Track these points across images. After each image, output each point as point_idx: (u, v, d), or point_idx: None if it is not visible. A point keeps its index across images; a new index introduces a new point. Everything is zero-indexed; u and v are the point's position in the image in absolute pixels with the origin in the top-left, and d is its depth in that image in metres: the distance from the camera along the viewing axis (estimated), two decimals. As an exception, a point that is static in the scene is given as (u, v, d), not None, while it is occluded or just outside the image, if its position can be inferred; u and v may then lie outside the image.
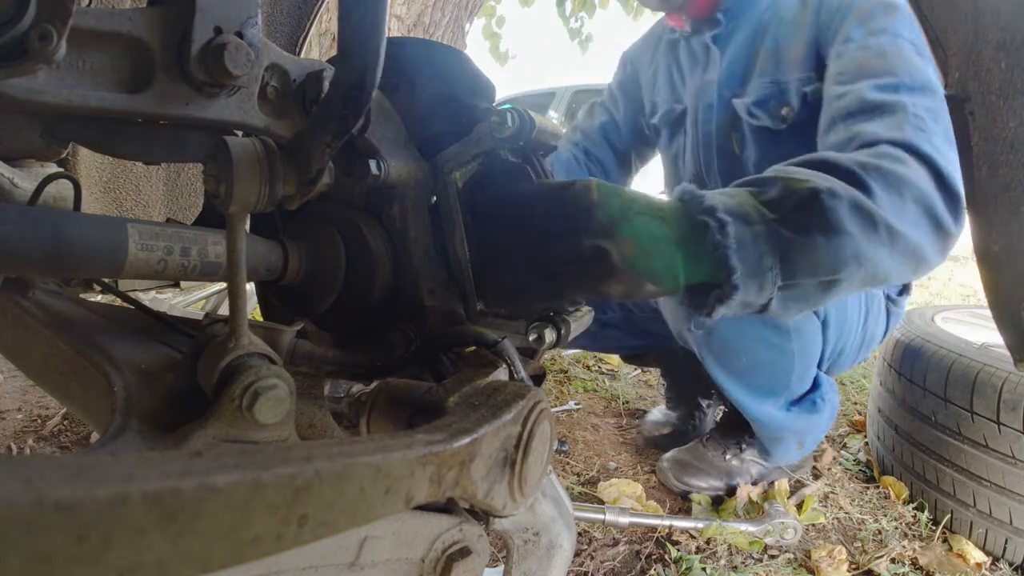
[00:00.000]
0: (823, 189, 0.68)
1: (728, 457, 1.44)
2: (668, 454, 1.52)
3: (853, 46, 1.04)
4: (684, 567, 1.15)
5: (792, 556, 1.24)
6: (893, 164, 0.78)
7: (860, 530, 1.35)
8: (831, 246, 0.67)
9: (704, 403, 1.74)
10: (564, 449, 1.62)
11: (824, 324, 1.27)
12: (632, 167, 1.69)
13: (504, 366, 0.63)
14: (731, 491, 1.42)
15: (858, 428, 1.92)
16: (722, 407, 1.79)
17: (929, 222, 0.78)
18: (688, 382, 1.75)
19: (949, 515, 1.35)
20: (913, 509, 1.42)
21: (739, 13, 1.28)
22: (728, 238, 0.62)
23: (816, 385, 1.34)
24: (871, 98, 0.92)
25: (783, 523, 1.24)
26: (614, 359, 2.42)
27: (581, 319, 0.63)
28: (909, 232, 0.74)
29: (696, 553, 1.20)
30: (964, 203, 0.77)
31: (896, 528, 1.37)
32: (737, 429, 1.44)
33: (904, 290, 1.45)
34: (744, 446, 1.44)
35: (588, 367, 2.36)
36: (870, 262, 0.71)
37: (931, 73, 0.91)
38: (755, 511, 1.36)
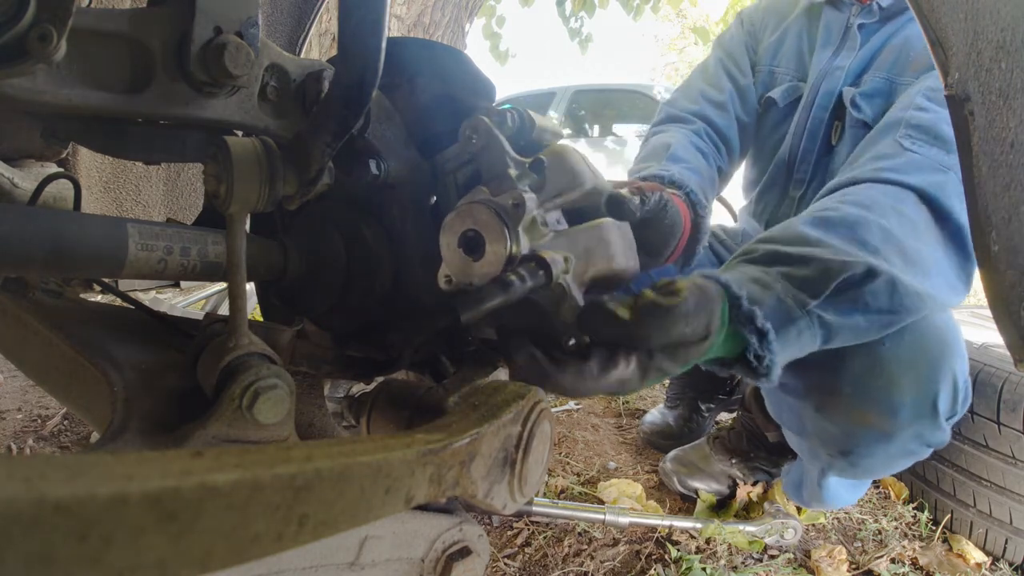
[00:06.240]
0: (860, 271, 0.67)
1: (734, 462, 1.43)
2: (671, 454, 1.51)
3: None
4: (684, 567, 1.15)
5: (792, 556, 1.24)
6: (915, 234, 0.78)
7: (860, 530, 1.35)
8: (873, 321, 0.69)
9: (703, 407, 1.74)
10: None
11: None
12: (746, 150, 1.39)
13: (504, 366, 0.63)
14: (732, 491, 1.42)
15: (858, 428, 1.92)
16: (732, 411, 1.78)
17: (947, 278, 0.80)
18: (689, 385, 1.75)
19: (949, 515, 1.35)
20: (913, 509, 1.42)
21: (895, 13, 1.21)
22: (771, 352, 0.62)
23: None
24: (943, 132, 0.90)
25: (783, 523, 1.24)
26: (614, 359, 2.42)
27: None
28: (934, 292, 0.76)
29: (696, 553, 1.20)
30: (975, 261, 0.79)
31: (896, 528, 1.37)
32: (752, 443, 1.43)
33: None
34: (753, 456, 1.43)
35: (588, 367, 2.36)
36: (909, 320, 0.73)
37: None
38: (755, 511, 1.36)
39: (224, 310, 0.82)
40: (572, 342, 0.53)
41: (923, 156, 0.86)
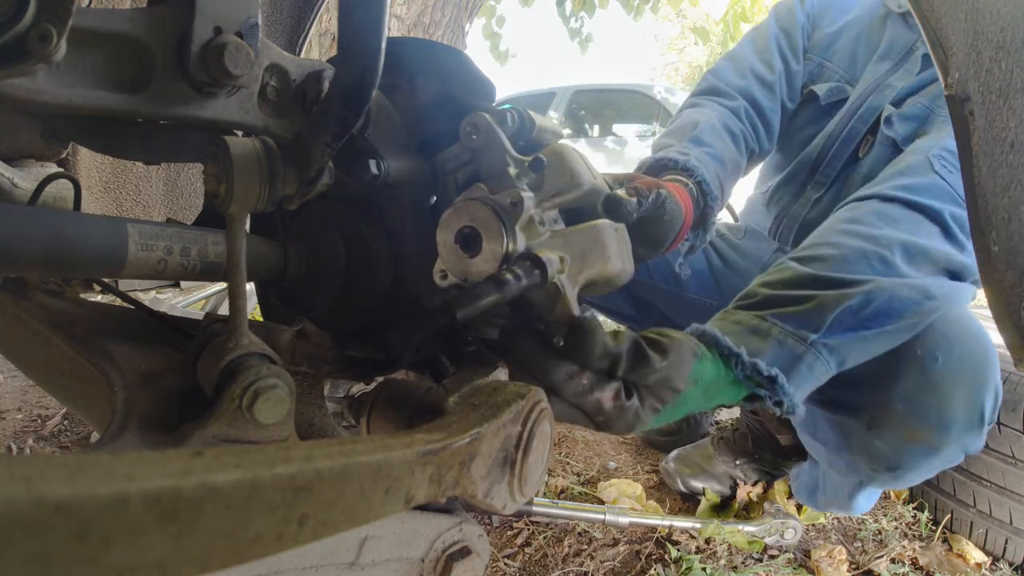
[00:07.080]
0: (856, 302, 0.70)
1: (738, 463, 1.43)
2: (673, 453, 1.51)
3: None
4: (684, 567, 1.15)
5: (792, 556, 1.24)
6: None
7: (860, 530, 1.35)
8: (882, 333, 0.71)
9: None
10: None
11: None
12: (780, 136, 1.31)
13: (504, 366, 0.63)
14: (734, 492, 1.42)
15: (858, 428, 1.91)
16: (729, 407, 1.78)
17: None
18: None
19: (949, 515, 1.35)
20: (913, 509, 1.42)
21: None
22: (786, 395, 0.64)
23: None
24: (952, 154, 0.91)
25: (783, 523, 1.24)
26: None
27: None
28: (941, 291, 0.78)
29: (696, 553, 1.20)
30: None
31: (896, 528, 1.37)
32: (758, 445, 1.43)
33: None
34: (758, 458, 1.43)
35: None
36: (921, 324, 0.75)
37: None
38: (755, 511, 1.36)
39: (224, 310, 0.82)
40: (562, 343, 0.54)
41: (948, 184, 0.87)
